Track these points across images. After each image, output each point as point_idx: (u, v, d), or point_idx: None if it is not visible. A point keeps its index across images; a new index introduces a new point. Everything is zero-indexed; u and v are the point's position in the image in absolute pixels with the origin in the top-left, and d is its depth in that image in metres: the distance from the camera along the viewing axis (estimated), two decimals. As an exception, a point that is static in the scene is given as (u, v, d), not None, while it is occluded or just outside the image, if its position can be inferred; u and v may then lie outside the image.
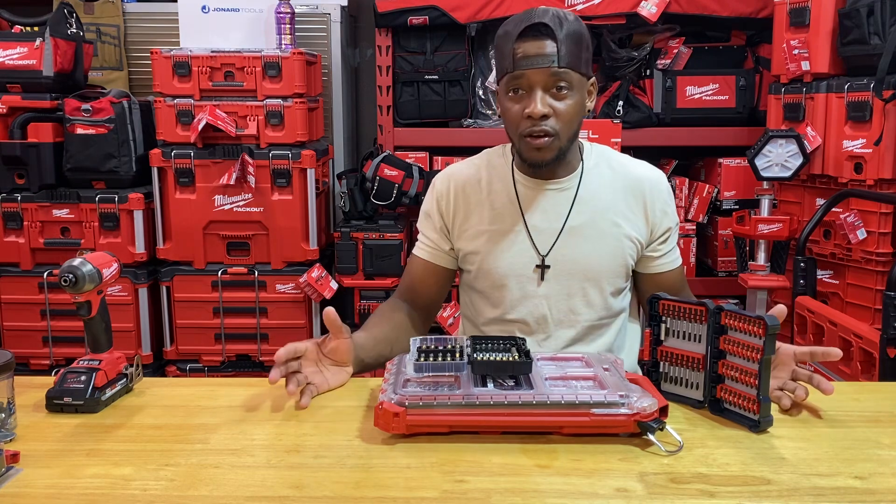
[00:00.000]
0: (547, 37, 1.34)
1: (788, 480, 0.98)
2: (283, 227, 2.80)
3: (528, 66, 1.35)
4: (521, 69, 1.35)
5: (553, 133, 1.37)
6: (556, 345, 1.50)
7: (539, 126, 1.37)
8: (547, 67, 1.34)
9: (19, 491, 0.97)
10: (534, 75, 1.35)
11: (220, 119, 2.70)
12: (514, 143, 1.45)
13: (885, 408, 1.23)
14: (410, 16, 2.91)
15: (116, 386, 1.26)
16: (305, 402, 1.22)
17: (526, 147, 1.40)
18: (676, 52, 2.97)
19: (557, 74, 1.35)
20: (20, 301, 2.82)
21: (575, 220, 1.47)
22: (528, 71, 1.35)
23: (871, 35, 2.33)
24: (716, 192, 2.98)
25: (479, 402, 1.08)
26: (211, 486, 0.97)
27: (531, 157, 1.41)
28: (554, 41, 1.34)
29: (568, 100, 1.37)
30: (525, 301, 1.49)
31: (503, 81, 1.40)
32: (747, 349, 1.12)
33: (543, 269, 1.47)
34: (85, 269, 1.19)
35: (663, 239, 1.52)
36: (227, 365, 2.92)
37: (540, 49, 1.34)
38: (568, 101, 1.37)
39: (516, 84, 1.38)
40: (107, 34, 3.15)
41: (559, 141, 1.39)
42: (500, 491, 0.95)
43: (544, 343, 1.50)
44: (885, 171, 2.34)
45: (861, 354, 2.00)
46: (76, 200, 2.77)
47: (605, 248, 1.48)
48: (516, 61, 1.35)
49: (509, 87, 1.39)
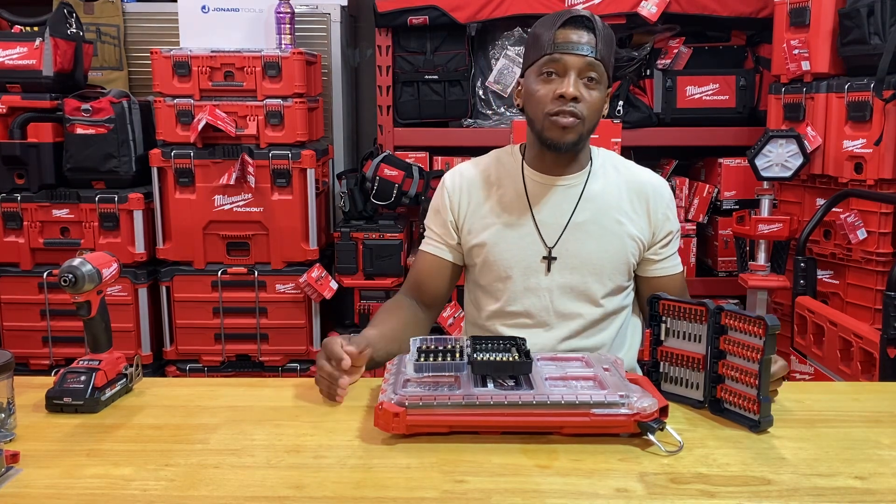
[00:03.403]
0: (588, 29, 1.42)
1: (788, 480, 0.98)
2: (283, 227, 2.80)
3: (567, 49, 1.41)
4: (560, 52, 1.41)
5: (580, 117, 1.42)
6: (556, 337, 1.52)
7: (568, 107, 1.41)
8: (585, 55, 1.41)
9: (19, 491, 0.97)
10: (572, 60, 1.41)
11: (220, 119, 2.70)
12: (535, 124, 1.47)
13: (885, 408, 1.23)
14: (410, 16, 2.90)
15: (116, 386, 1.26)
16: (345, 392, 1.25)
17: (550, 125, 1.43)
18: (676, 52, 2.97)
19: (592, 65, 1.41)
20: (20, 301, 2.82)
21: (580, 215, 1.51)
22: (568, 55, 1.41)
23: (871, 35, 2.33)
24: (716, 192, 2.98)
25: (479, 402, 1.08)
26: (211, 486, 0.97)
27: (554, 137, 1.44)
28: (593, 34, 1.42)
29: (596, 91, 1.43)
30: (528, 293, 1.52)
31: (536, 65, 1.44)
32: (747, 349, 1.12)
33: (550, 260, 1.50)
34: (85, 269, 1.19)
35: (665, 242, 1.55)
36: (227, 365, 2.91)
37: (580, 37, 1.41)
38: (595, 93, 1.43)
39: (551, 67, 1.42)
40: (107, 34, 3.15)
41: (583, 126, 1.44)
42: (500, 491, 0.95)
43: (543, 335, 1.51)
44: (885, 171, 2.34)
45: (861, 354, 2.00)
46: (76, 200, 2.77)
47: (609, 244, 1.51)
48: (557, 44, 1.41)
49: (543, 69, 1.43)
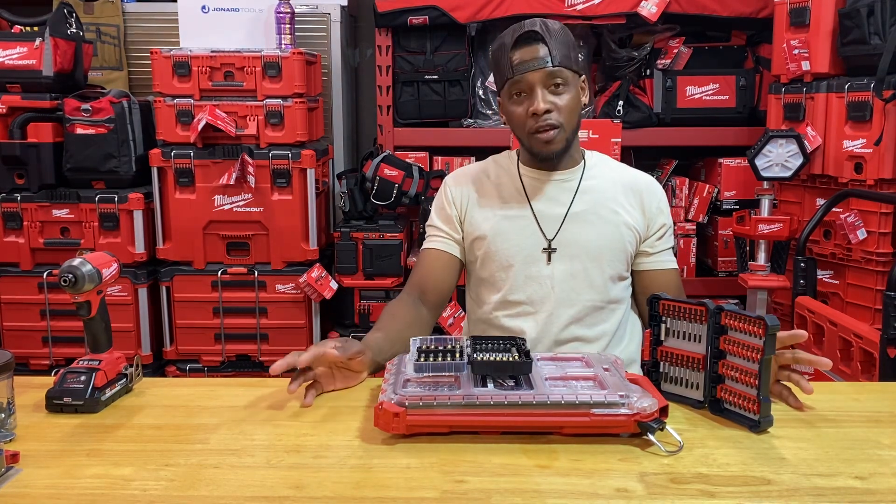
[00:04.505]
0: (538, 42, 1.47)
1: (788, 480, 0.98)
2: (282, 227, 2.80)
3: (525, 69, 1.47)
4: (519, 73, 1.48)
5: (558, 125, 1.49)
6: (558, 324, 1.54)
7: (544, 121, 1.48)
8: (542, 68, 1.47)
9: (19, 491, 0.97)
10: (532, 77, 1.48)
11: (220, 119, 2.70)
12: (522, 143, 1.57)
13: (885, 408, 1.23)
14: (410, 16, 2.91)
15: (116, 386, 1.26)
16: (309, 400, 1.23)
17: (535, 143, 1.52)
18: (676, 51, 2.97)
19: (553, 73, 1.47)
20: (20, 301, 2.82)
21: (578, 206, 1.57)
22: (527, 74, 1.47)
23: (871, 35, 2.33)
24: (716, 192, 2.98)
25: (479, 402, 1.08)
26: (211, 486, 0.97)
27: (541, 151, 1.52)
28: (545, 44, 1.47)
29: (565, 94, 1.49)
30: (529, 282, 1.56)
31: (505, 89, 1.53)
32: (747, 349, 1.12)
33: (550, 251, 1.55)
34: (85, 269, 1.19)
35: (659, 235, 1.60)
36: (227, 365, 2.92)
37: (534, 53, 1.47)
38: (565, 96, 1.49)
39: (517, 88, 1.50)
40: (107, 34, 3.15)
41: (564, 132, 1.51)
42: (500, 491, 0.95)
43: (545, 322, 1.54)
44: (885, 171, 2.34)
45: (861, 354, 2.00)
46: (76, 200, 2.77)
47: (606, 231, 1.56)
48: (514, 67, 1.48)
49: (511, 92, 1.51)
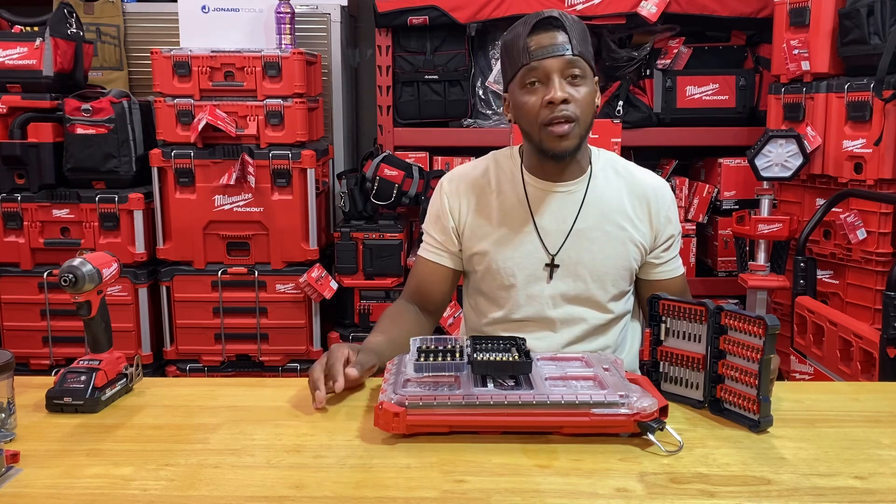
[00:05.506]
0: (558, 28, 1.37)
1: (788, 480, 0.98)
2: (283, 227, 2.80)
3: (543, 55, 1.36)
4: (536, 59, 1.37)
5: (574, 118, 1.38)
6: (560, 342, 1.51)
7: (560, 112, 1.37)
8: (562, 55, 1.36)
9: (19, 491, 0.97)
10: (550, 64, 1.37)
11: (220, 119, 2.70)
12: (532, 140, 1.44)
13: (885, 408, 1.23)
14: (410, 16, 2.90)
15: (116, 386, 1.26)
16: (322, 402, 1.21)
17: (548, 137, 1.39)
18: (676, 52, 2.97)
19: (572, 62, 1.37)
20: (20, 301, 2.82)
21: (583, 222, 1.48)
22: (545, 60, 1.36)
23: (871, 35, 2.33)
24: (716, 192, 2.98)
25: (479, 402, 1.08)
26: (211, 486, 0.97)
27: (554, 147, 1.40)
28: (565, 32, 1.37)
29: (583, 87, 1.39)
30: (531, 301, 1.50)
31: (517, 77, 1.41)
32: (747, 349, 1.12)
33: (553, 268, 1.48)
34: (85, 269, 1.19)
35: (666, 246, 1.53)
36: (227, 365, 2.92)
37: (553, 39, 1.37)
38: (583, 89, 1.39)
39: (532, 76, 1.38)
40: (107, 34, 3.15)
41: (579, 128, 1.39)
42: (500, 491, 0.95)
43: (546, 340, 1.51)
44: (885, 171, 2.34)
45: (861, 354, 2.00)
46: (76, 200, 2.77)
47: (612, 250, 1.49)
48: (532, 52, 1.37)
49: (525, 80, 1.40)
